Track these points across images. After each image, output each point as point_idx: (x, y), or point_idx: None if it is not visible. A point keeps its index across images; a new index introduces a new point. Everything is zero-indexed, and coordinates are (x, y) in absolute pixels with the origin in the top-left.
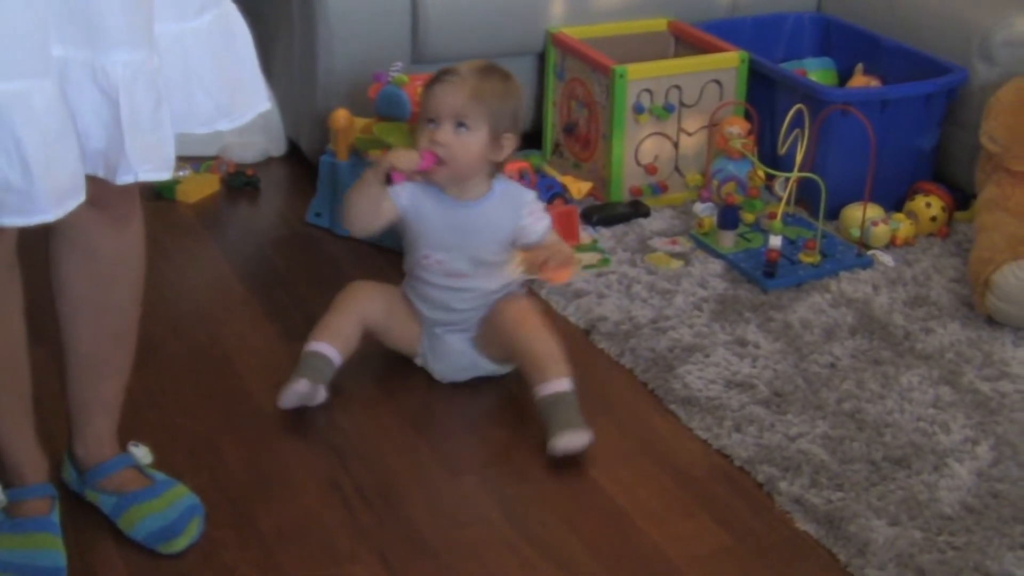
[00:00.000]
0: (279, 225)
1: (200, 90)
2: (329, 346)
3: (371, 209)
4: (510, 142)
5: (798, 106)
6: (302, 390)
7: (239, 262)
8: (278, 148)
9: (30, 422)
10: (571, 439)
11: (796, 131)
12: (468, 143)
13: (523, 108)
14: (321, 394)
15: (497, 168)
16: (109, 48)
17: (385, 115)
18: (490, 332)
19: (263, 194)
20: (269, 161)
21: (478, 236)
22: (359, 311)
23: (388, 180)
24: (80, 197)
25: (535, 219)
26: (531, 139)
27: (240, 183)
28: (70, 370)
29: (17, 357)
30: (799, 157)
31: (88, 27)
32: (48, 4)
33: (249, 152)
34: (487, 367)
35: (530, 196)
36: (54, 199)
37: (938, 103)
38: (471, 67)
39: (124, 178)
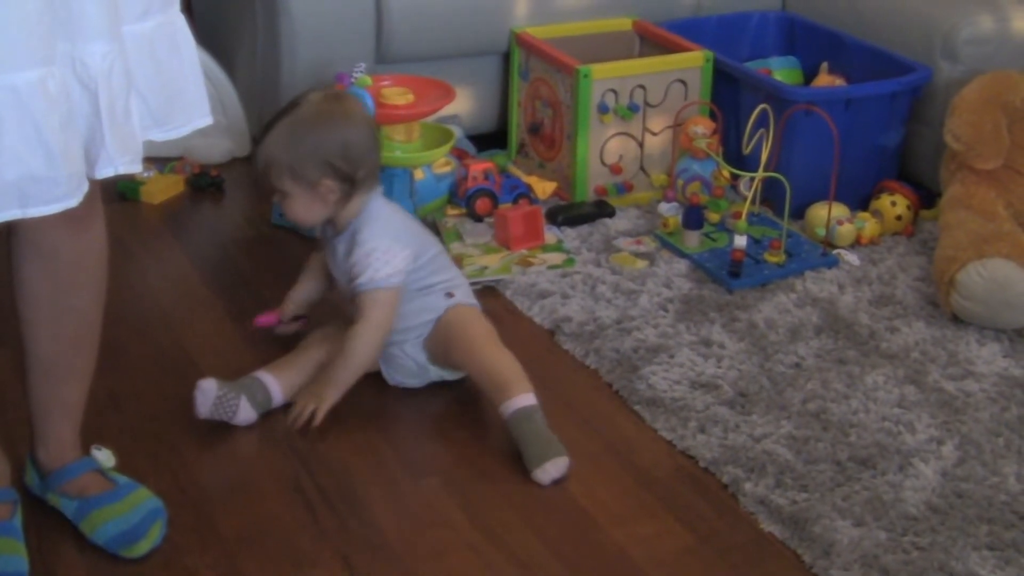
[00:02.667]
0: (244, 226)
1: (136, 97)
2: (271, 377)
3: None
4: (330, 189)
5: (762, 106)
6: (207, 387)
7: (204, 264)
8: (243, 149)
9: None
10: (554, 469)
11: (761, 131)
12: (289, 206)
13: (354, 142)
14: (246, 412)
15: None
16: (87, 40)
17: None
18: (441, 347)
19: (228, 195)
20: (234, 162)
21: (340, 269)
22: (319, 357)
23: None
24: (87, 183)
25: (359, 266)
26: (496, 139)
27: (204, 184)
28: (31, 373)
29: None
30: (764, 157)
31: (68, 20)
32: None
33: (214, 153)
34: (439, 374)
35: (366, 246)
36: (75, 183)
37: (903, 102)
38: (281, 119)
39: (104, 171)
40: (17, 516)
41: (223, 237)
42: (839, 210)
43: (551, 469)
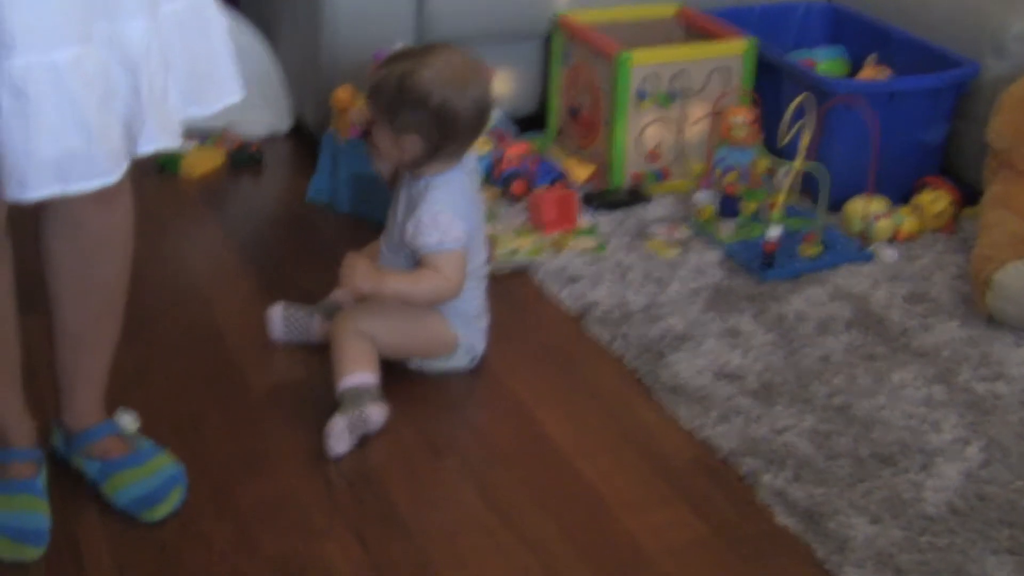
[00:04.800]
0: (280, 202)
1: (170, 76)
2: (364, 373)
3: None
4: (412, 144)
5: (803, 95)
6: (273, 313)
7: (237, 238)
8: (283, 124)
9: (19, 389)
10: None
11: (800, 121)
12: (376, 133)
13: (460, 111)
14: (323, 326)
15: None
16: (127, 18)
17: None
18: None
19: (266, 170)
20: (274, 137)
21: (398, 209)
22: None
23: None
24: (127, 159)
25: (418, 231)
26: (538, 121)
27: (244, 159)
28: (57, 342)
29: (6, 326)
30: (803, 147)
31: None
32: None
33: (255, 127)
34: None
35: (430, 208)
36: (113, 160)
37: (947, 97)
38: (407, 58)
39: (145, 148)
40: (41, 476)
41: (259, 212)
42: (878, 204)
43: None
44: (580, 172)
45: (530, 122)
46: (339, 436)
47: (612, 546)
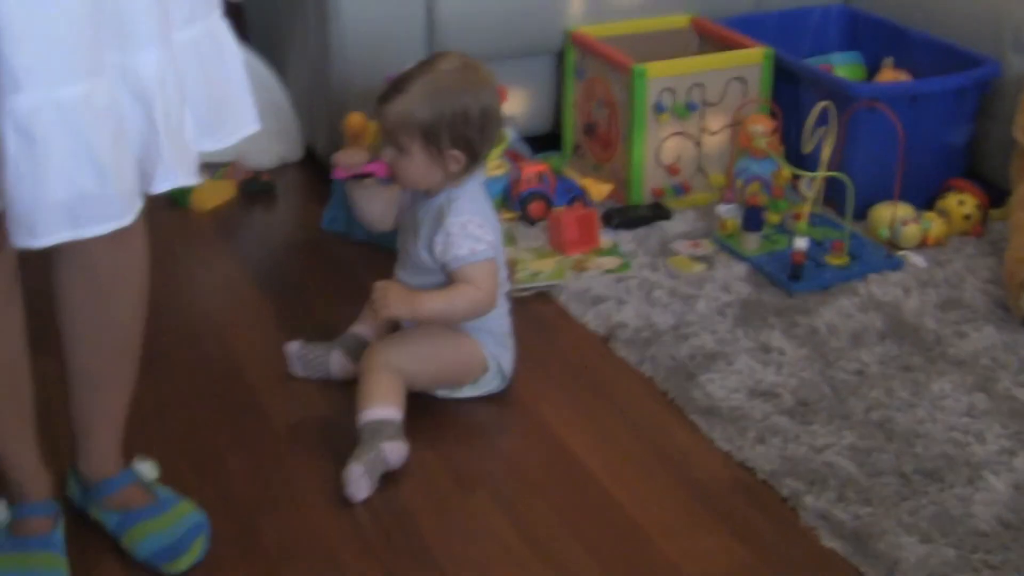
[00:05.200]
0: (294, 231)
1: (185, 107)
2: (367, 328)
3: (364, 206)
4: (456, 159)
5: (823, 103)
6: (291, 350)
7: (253, 270)
8: (294, 153)
9: (32, 438)
10: (360, 476)
11: (822, 128)
12: (404, 165)
13: (487, 113)
14: (339, 364)
15: (455, 177)
16: (138, 48)
17: None
18: None
19: (279, 200)
20: (285, 167)
21: (416, 231)
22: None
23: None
24: (142, 198)
25: (449, 243)
26: (551, 140)
27: (255, 189)
28: (72, 385)
29: (17, 373)
30: (825, 156)
31: (118, 28)
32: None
33: (265, 158)
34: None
35: (457, 219)
36: (127, 201)
37: (970, 97)
38: (419, 76)
39: (162, 185)
40: (59, 529)
41: (273, 243)
42: (904, 210)
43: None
44: (599, 190)
45: (544, 141)
46: (357, 483)
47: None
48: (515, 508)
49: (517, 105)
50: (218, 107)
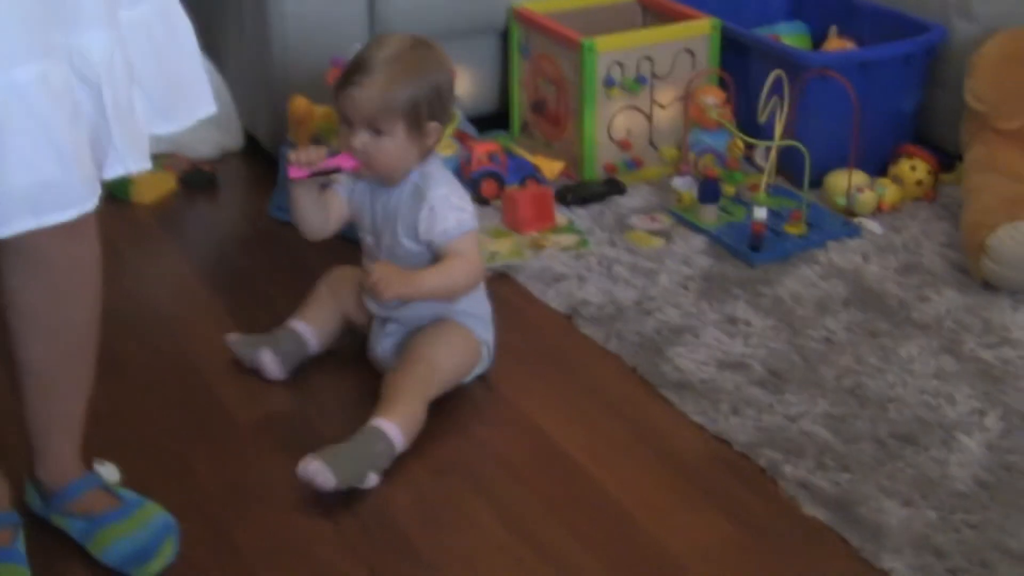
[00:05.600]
0: (241, 222)
1: (136, 87)
2: (306, 326)
3: (307, 213)
4: (436, 130)
5: (776, 72)
6: (231, 340)
7: (201, 263)
8: (235, 142)
9: None
10: (316, 469)
11: (774, 98)
12: (384, 147)
13: (451, 85)
14: (271, 367)
15: (427, 150)
16: (84, 30)
17: None
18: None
19: (222, 191)
20: (227, 156)
21: (388, 223)
22: (339, 303)
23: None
24: (99, 184)
25: (435, 217)
26: (497, 120)
27: (198, 181)
28: (26, 389)
29: None
30: (779, 125)
31: (62, 8)
32: None
33: (204, 147)
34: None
35: (436, 192)
36: (89, 185)
37: (918, 63)
38: (382, 57)
39: (113, 170)
40: (19, 540)
41: (220, 235)
42: (859, 177)
43: (312, 466)
44: (551, 168)
45: (490, 121)
46: (322, 474)
47: (639, 554)
48: (495, 495)
49: (462, 86)
50: (172, 88)
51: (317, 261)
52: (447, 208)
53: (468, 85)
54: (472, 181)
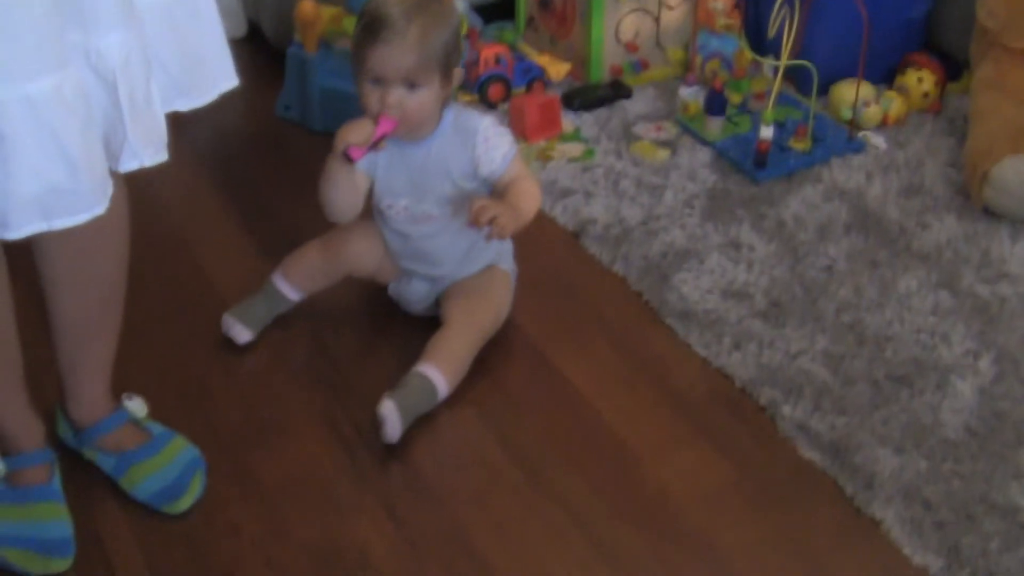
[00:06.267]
0: (248, 122)
1: (159, 68)
2: (293, 289)
3: (348, 194)
4: (458, 73)
5: None
6: (229, 330)
7: (209, 170)
8: (238, 30)
9: (23, 390)
10: (390, 412)
11: (784, 10)
12: (422, 100)
13: (460, 29)
14: (240, 334)
15: (449, 94)
16: (103, 32)
17: (356, 11)
18: (448, 296)
19: None
20: (229, 44)
21: (433, 174)
22: (347, 266)
23: (348, 159)
24: (111, 185)
25: (490, 146)
26: (503, 9)
27: None
28: (57, 337)
29: (6, 329)
30: (786, 43)
31: (80, 12)
32: None
33: None
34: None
35: (483, 123)
36: (99, 190)
37: None
38: (402, 10)
39: (128, 164)
40: (56, 477)
41: (227, 136)
42: (865, 90)
43: (388, 408)
44: (557, 70)
45: (494, 11)
46: (392, 421)
47: (642, 496)
48: (504, 429)
49: None
50: (194, 66)
51: (322, 168)
52: (496, 135)
53: None
54: (479, 84)
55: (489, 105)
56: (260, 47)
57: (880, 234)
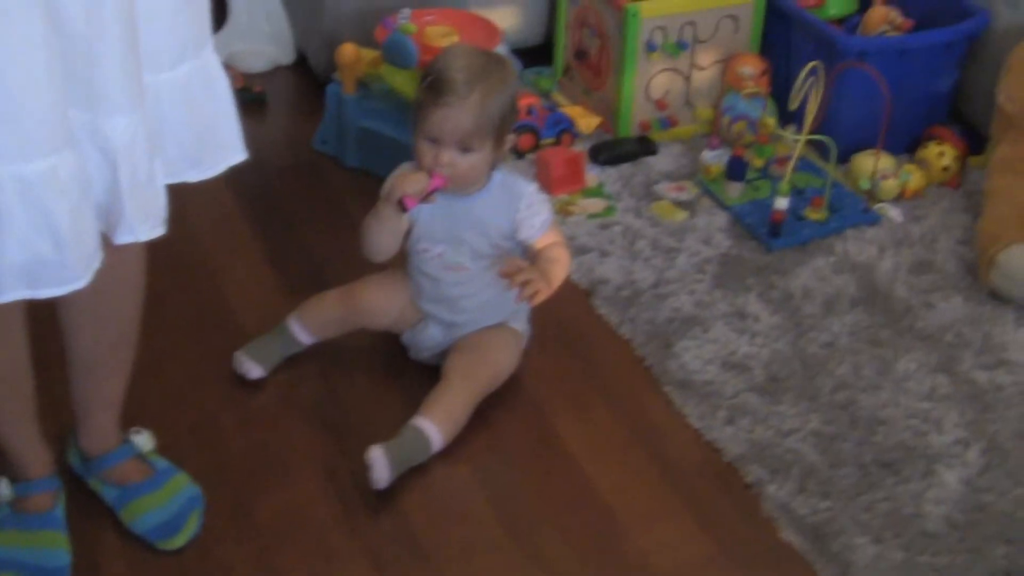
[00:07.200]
0: (285, 152)
1: (172, 142)
2: (307, 333)
3: (392, 238)
4: (511, 139)
5: (812, 64)
6: (240, 367)
7: (243, 195)
8: (287, 56)
9: (33, 418)
10: (378, 459)
11: (809, 80)
12: (473, 163)
13: (517, 91)
14: (252, 370)
15: (501, 157)
16: (108, 113)
17: (392, 62)
18: (454, 349)
19: (270, 112)
20: (277, 71)
21: (474, 229)
22: (364, 320)
23: (402, 207)
24: (101, 256)
25: (532, 212)
26: (542, 53)
27: (248, 99)
28: (72, 371)
29: (21, 364)
30: (808, 117)
31: (88, 90)
32: (61, 71)
33: (258, 61)
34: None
35: (529, 189)
36: (84, 265)
37: (957, 48)
38: (467, 76)
39: (124, 238)
40: (59, 506)
41: (265, 164)
42: (885, 162)
43: (376, 455)
44: (587, 123)
45: (534, 55)
46: (380, 465)
47: (624, 565)
48: (496, 488)
49: (509, 17)
50: (205, 140)
51: (357, 205)
52: (539, 202)
53: (515, 17)
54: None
55: (517, 154)
56: (306, 75)
57: (886, 312)
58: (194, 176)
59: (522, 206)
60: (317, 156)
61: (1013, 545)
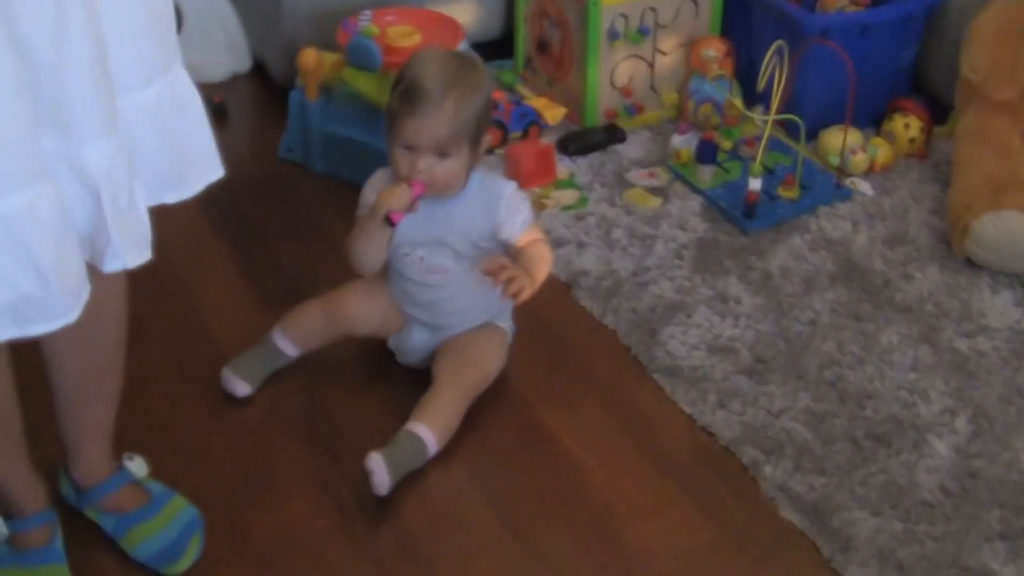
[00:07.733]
0: (251, 162)
1: (147, 164)
2: (292, 345)
3: (380, 251)
4: (486, 140)
5: (778, 43)
6: (228, 385)
7: (212, 210)
8: (243, 64)
9: (24, 454)
10: (378, 465)
11: (773, 61)
12: (450, 168)
13: (492, 91)
14: (239, 387)
15: (478, 158)
16: (83, 141)
17: (355, 65)
18: (441, 352)
19: (231, 123)
20: (235, 80)
21: (454, 231)
22: (347, 327)
23: (389, 222)
24: (89, 287)
25: (512, 211)
26: (502, 47)
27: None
28: (58, 402)
29: (7, 400)
30: (775, 96)
31: (61, 120)
32: (31, 102)
33: (216, 71)
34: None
35: (508, 188)
36: (71, 299)
37: (917, 22)
38: (440, 83)
39: (111, 266)
40: (57, 538)
41: (230, 176)
42: (853, 137)
43: (376, 462)
44: (553, 114)
45: (493, 48)
46: (381, 473)
47: (626, 558)
48: (493, 489)
49: (467, 12)
50: (180, 160)
51: (328, 214)
52: (519, 201)
53: (474, 11)
54: None
55: (486, 150)
56: (264, 83)
57: (864, 286)
58: (172, 197)
59: (502, 206)
60: (283, 164)
61: (1006, 508)
